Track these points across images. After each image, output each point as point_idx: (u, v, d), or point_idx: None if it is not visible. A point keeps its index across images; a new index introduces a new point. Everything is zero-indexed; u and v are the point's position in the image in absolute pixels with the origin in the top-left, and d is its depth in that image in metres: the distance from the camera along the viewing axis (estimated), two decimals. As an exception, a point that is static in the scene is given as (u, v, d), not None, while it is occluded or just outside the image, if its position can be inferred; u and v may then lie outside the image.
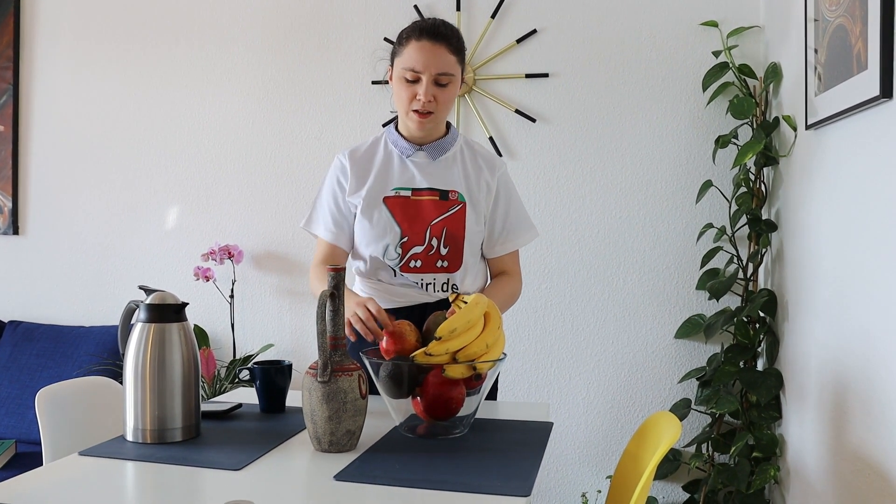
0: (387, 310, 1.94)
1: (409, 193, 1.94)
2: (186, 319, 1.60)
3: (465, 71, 1.97)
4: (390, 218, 1.92)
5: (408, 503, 1.24)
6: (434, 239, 1.91)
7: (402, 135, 1.98)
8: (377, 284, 1.97)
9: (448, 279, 1.95)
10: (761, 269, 2.81)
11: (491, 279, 2.07)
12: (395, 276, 1.94)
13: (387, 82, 1.98)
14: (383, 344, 1.63)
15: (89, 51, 3.48)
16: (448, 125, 2.02)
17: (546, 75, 3.04)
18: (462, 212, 1.94)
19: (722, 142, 2.73)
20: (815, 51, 2.16)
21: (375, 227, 1.93)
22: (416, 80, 1.86)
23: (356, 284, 2.04)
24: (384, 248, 1.93)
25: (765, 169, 2.73)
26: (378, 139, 2.03)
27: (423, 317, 1.80)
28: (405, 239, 1.91)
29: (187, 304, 1.61)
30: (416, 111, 1.88)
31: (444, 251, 1.92)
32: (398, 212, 1.92)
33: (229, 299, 3.26)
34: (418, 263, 1.92)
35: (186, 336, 1.58)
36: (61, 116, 3.51)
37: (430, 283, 1.94)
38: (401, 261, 1.92)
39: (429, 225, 1.92)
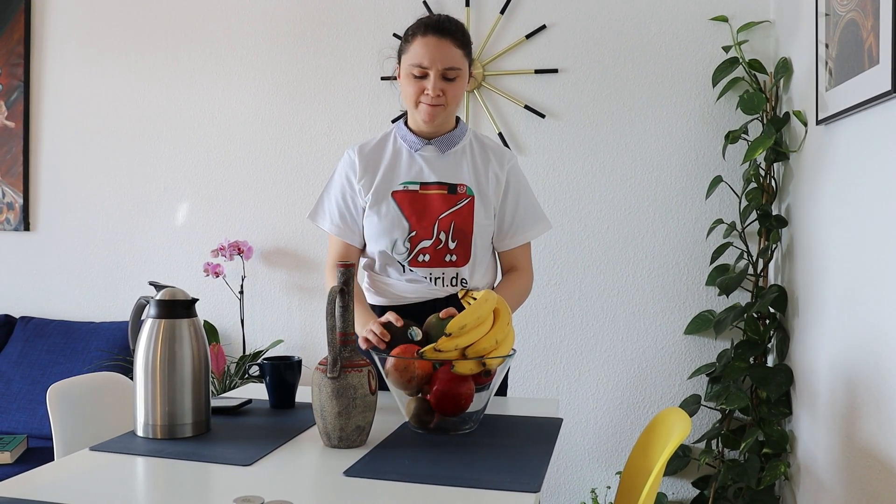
0: (396, 307, 1.95)
1: (417, 187, 1.94)
2: (196, 315, 1.60)
3: (472, 66, 1.98)
4: (398, 212, 1.93)
5: (417, 499, 1.24)
6: (442, 233, 1.91)
7: (411, 129, 1.99)
8: (386, 280, 1.98)
9: (457, 273, 1.95)
10: (771, 265, 2.80)
11: (502, 275, 2.07)
12: (404, 272, 1.94)
13: (395, 79, 1.99)
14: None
15: (99, 47, 3.49)
16: (457, 119, 2.03)
17: (555, 71, 3.03)
18: (470, 205, 1.94)
19: (732, 137, 2.72)
20: (826, 45, 2.15)
21: (383, 220, 1.93)
22: (423, 76, 1.87)
23: (364, 281, 2.05)
24: (392, 243, 1.93)
25: (775, 164, 2.71)
26: (388, 135, 2.04)
27: (433, 313, 1.81)
28: (413, 233, 1.91)
29: (197, 300, 1.61)
30: (424, 104, 1.89)
31: (452, 245, 1.92)
32: (406, 206, 1.93)
33: (239, 295, 3.27)
34: (426, 258, 1.92)
35: (196, 332, 1.58)
36: (72, 113, 3.53)
37: (439, 278, 1.94)
38: (409, 255, 1.92)
39: (437, 219, 1.92)
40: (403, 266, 1.94)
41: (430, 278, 1.94)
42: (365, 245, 2.02)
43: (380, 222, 1.94)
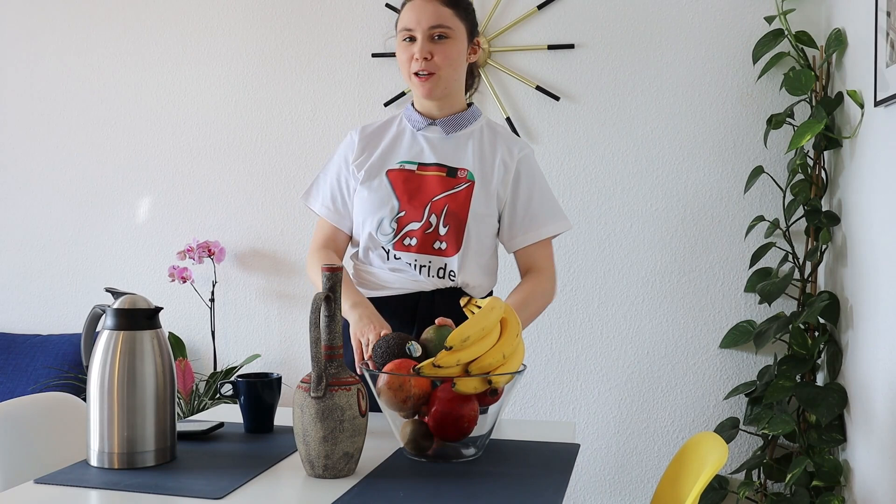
0: (377, 298, 2.00)
1: (414, 167, 2.02)
2: (160, 326, 1.60)
3: (474, 30, 2.03)
4: (390, 190, 2.00)
5: (414, 537, 1.23)
6: (433, 216, 1.97)
7: (417, 110, 2.07)
8: (369, 268, 2.03)
9: (445, 265, 1.98)
10: (821, 269, 2.79)
11: (520, 278, 2.08)
12: (388, 259, 2.00)
13: (393, 55, 2.10)
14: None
15: (44, 15, 3.48)
16: (471, 103, 2.11)
17: (571, 46, 3.02)
18: (469, 190, 1.99)
19: (775, 122, 2.71)
20: (888, 14, 2.14)
21: (373, 196, 2.01)
22: (412, 41, 1.97)
23: (350, 271, 2.10)
24: (378, 222, 2.00)
25: (825, 153, 2.71)
26: (395, 116, 2.14)
27: (416, 307, 1.96)
28: (402, 213, 1.98)
29: (161, 308, 1.61)
30: (417, 74, 1.97)
31: (442, 231, 1.97)
32: (399, 185, 2.00)
33: (209, 303, 3.26)
34: (413, 242, 1.98)
35: (160, 345, 1.57)
36: (12, 93, 3.52)
37: (425, 266, 1.98)
38: (395, 236, 1.98)
39: (429, 201, 1.98)
40: (388, 252, 1.99)
41: (415, 265, 1.98)
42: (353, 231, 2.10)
43: (369, 197, 2.01)
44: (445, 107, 2.03)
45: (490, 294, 2.09)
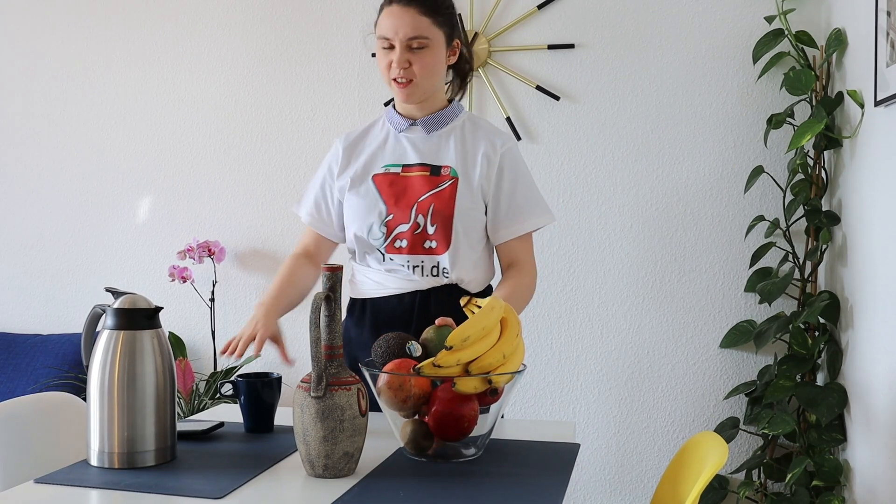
0: (377, 298, 2.03)
1: (398, 170, 2.04)
2: (160, 326, 1.60)
3: (454, 33, 2.03)
4: (376, 195, 2.02)
5: (414, 537, 1.23)
6: (420, 216, 1.99)
7: (398, 112, 2.09)
8: (366, 270, 2.07)
9: (437, 263, 2.00)
10: (821, 269, 2.79)
11: (501, 272, 2.09)
12: (384, 261, 2.02)
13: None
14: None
15: (44, 15, 3.48)
16: (452, 100, 2.11)
17: (572, 46, 3.02)
18: (453, 187, 2.00)
19: (775, 121, 2.71)
20: (888, 13, 2.14)
21: (361, 201, 2.04)
22: (391, 48, 1.97)
23: (348, 275, 2.11)
24: (368, 227, 2.02)
25: (826, 152, 2.71)
26: (377, 120, 2.15)
27: (413, 306, 1.98)
28: (390, 217, 2.00)
29: (161, 308, 1.61)
30: (396, 80, 1.99)
31: (431, 230, 1.99)
32: (385, 189, 2.02)
33: (209, 303, 3.26)
34: (403, 244, 2.00)
35: (160, 345, 1.58)
36: (10, 91, 3.52)
37: (418, 266, 2.00)
38: (385, 240, 2.00)
39: (415, 202, 2.00)
40: (383, 254, 2.02)
41: (408, 266, 2.01)
42: (340, 239, 2.14)
43: (357, 203, 2.04)
44: (426, 107, 2.05)
45: (489, 287, 2.10)
